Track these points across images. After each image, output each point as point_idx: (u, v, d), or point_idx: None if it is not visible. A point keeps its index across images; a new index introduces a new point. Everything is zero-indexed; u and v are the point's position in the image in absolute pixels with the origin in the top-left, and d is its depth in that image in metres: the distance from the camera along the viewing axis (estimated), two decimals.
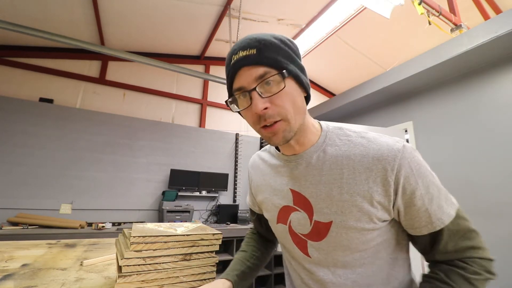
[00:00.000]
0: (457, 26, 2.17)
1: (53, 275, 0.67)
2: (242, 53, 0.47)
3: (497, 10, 2.91)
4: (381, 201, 0.47)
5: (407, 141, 2.39)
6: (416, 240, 0.51)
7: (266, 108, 0.46)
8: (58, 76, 3.15)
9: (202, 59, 4.10)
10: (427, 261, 0.52)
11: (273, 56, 0.46)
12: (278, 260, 3.30)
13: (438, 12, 2.17)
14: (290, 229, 0.58)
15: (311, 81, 5.26)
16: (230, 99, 0.50)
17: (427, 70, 2.06)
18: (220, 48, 3.98)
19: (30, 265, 0.75)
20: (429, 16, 2.17)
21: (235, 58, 0.48)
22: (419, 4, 2.06)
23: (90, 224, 2.71)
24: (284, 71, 0.46)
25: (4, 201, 2.53)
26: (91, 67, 3.36)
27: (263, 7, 3.24)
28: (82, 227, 2.56)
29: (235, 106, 0.50)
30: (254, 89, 0.46)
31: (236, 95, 0.49)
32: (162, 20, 3.16)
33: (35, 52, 3.08)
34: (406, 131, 2.40)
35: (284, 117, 0.47)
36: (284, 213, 0.58)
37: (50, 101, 3.00)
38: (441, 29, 2.20)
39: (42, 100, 2.97)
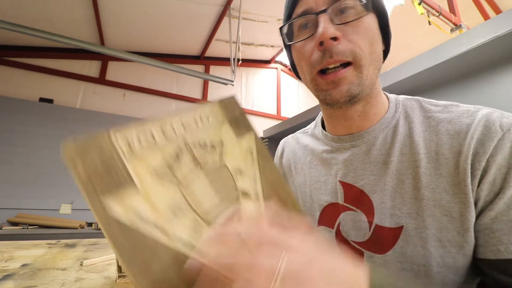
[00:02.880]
0: (457, 26, 2.17)
1: (53, 275, 0.67)
2: None
3: (497, 10, 2.91)
4: (482, 201, 0.32)
5: None
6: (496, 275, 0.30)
7: (336, 38, 0.33)
8: (58, 76, 3.15)
9: (202, 59, 4.10)
10: None
11: None
12: None
13: (438, 12, 2.17)
14: (338, 234, 0.41)
15: None
16: (286, 26, 0.39)
17: (427, 70, 2.06)
18: (220, 48, 3.98)
19: (30, 265, 0.75)
20: (429, 16, 2.17)
21: None
22: (419, 4, 2.06)
23: (90, 224, 2.71)
24: (367, 1, 0.34)
25: (4, 201, 2.53)
26: (91, 67, 3.36)
27: (263, 7, 3.24)
28: (82, 227, 2.56)
29: (289, 37, 0.38)
30: (325, 10, 0.34)
31: (297, 22, 0.37)
32: (162, 20, 3.16)
33: (35, 52, 3.08)
34: None
35: (356, 59, 0.34)
36: (329, 214, 0.43)
37: (50, 101, 3.00)
38: (441, 29, 2.20)
39: (42, 100, 2.97)
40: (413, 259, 0.34)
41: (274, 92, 4.83)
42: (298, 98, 5.12)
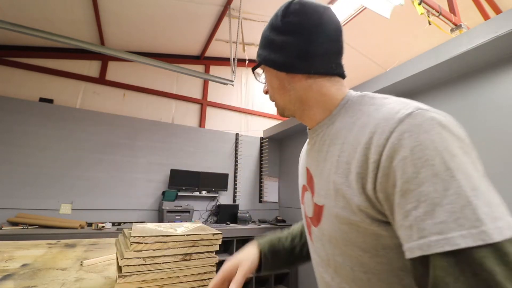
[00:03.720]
0: (457, 26, 2.17)
1: (53, 275, 0.67)
2: None
3: (497, 10, 2.91)
4: (360, 186, 0.36)
5: None
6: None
7: (267, 92, 0.54)
8: (58, 76, 3.15)
9: (202, 59, 4.10)
10: None
11: (258, 51, 0.53)
12: None
13: (438, 12, 2.17)
14: (304, 208, 0.54)
15: None
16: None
17: (427, 70, 2.06)
18: (220, 48, 3.98)
19: (30, 265, 0.75)
20: (429, 16, 2.17)
21: None
22: (419, 4, 2.06)
23: (90, 224, 2.71)
24: (259, 63, 0.52)
25: (4, 201, 2.53)
26: (91, 67, 3.36)
27: (263, 7, 3.24)
28: (82, 227, 2.56)
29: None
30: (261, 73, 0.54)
31: None
32: (162, 20, 3.16)
33: (35, 52, 3.08)
34: None
35: (272, 100, 0.54)
36: (303, 193, 0.55)
37: (50, 101, 3.00)
38: (441, 29, 2.20)
39: (42, 100, 2.97)
40: (331, 234, 0.42)
41: None
42: None
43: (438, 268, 0.27)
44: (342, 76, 0.50)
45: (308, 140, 0.55)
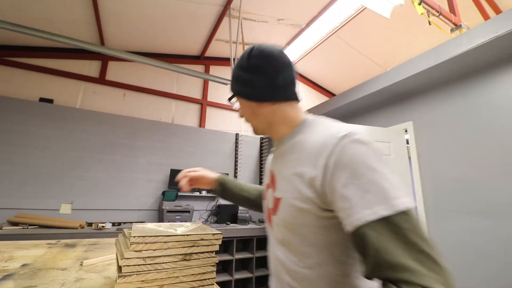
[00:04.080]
0: (457, 26, 2.17)
1: (53, 275, 0.67)
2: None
3: (497, 10, 2.91)
4: (313, 183, 0.49)
5: (407, 141, 2.39)
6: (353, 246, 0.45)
7: (241, 115, 0.67)
8: (58, 76, 3.15)
9: (202, 59, 4.10)
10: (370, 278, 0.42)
11: (232, 84, 0.66)
12: None
13: (438, 12, 2.17)
14: (266, 206, 0.67)
15: (311, 81, 5.26)
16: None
17: (427, 70, 2.06)
18: (220, 48, 3.98)
19: (30, 265, 0.75)
20: (429, 16, 2.17)
21: None
22: (419, 4, 2.06)
23: (90, 224, 2.71)
24: (233, 94, 0.65)
25: (4, 201, 2.53)
26: (91, 67, 3.36)
27: (263, 7, 3.24)
28: (82, 227, 2.56)
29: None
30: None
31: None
32: (162, 20, 3.16)
33: (35, 52, 3.08)
34: (406, 131, 2.40)
35: (246, 122, 0.67)
36: (266, 191, 0.69)
37: (50, 101, 3.00)
38: (441, 29, 2.20)
39: (42, 100, 2.97)
40: (285, 219, 0.55)
41: None
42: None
43: (371, 231, 0.40)
44: (298, 100, 0.65)
45: (273, 149, 0.69)
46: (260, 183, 3.97)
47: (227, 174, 3.61)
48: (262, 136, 0.75)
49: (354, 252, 0.49)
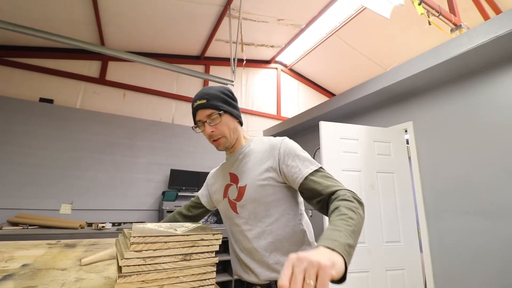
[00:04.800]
0: (457, 26, 2.17)
1: (53, 275, 0.67)
2: (199, 102, 0.81)
3: (497, 10, 2.91)
4: (272, 166, 0.79)
5: (407, 141, 2.39)
6: (303, 194, 0.76)
7: (212, 131, 0.81)
8: (58, 76, 3.15)
9: (202, 59, 4.10)
10: (321, 205, 0.72)
11: (215, 103, 0.81)
12: None
13: (438, 12, 2.17)
14: (228, 198, 0.87)
15: (311, 81, 5.27)
16: (194, 126, 0.86)
17: (427, 70, 2.06)
18: (220, 48, 3.98)
19: (30, 265, 0.75)
20: (429, 16, 2.17)
21: (195, 104, 0.82)
22: (419, 4, 2.06)
23: (90, 224, 2.71)
24: (221, 111, 0.81)
25: (4, 201, 2.53)
26: (91, 67, 3.37)
27: (263, 7, 3.24)
28: (82, 227, 2.56)
29: (198, 129, 0.85)
30: (205, 121, 0.81)
31: (198, 123, 0.83)
32: (162, 20, 3.16)
33: (35, 52, 3.08)
34: (406, 131, 2.40)
35: (223, 135, 0.83)
36: (226, 189, 0.89)
37: (50, 101, 3.00)
38: (441, 29, 2.20)
39: (42, 100, 2.97)
40: (252, 197, 0.80)
41: (274, 92, 4.84)
42: (298, 98, 5.12)
43: (313, 177, 0.73)
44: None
45: (226, 161, 0.94)
46: None
47: None
48: (221, 150, 0.94)
49: (296, 206, 0.83)
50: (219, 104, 0.81)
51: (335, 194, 0.67)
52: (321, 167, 0.76)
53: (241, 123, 0.90)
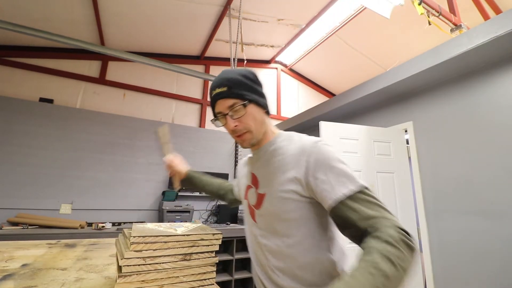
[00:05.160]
0: (457, 26, 2.17)
1: (53, 275, 0.67)
2: (218, 90, 0.67)
3: (497, 10, 2.91)
4: (297, 177, 0.62)
5: (407, 141, 2.39)
6: (334, 219, 0.58)
7: (236, 126, 0.67)
8: (58, 76, 3.15)
9: (202, 59, 4.10)
10: (354, 238, 0.56)
11: (238, 92, 0.66)
12: None
13: (438, 12, 2.17)
14: (248, 202, 0.76)
15: (311, 81, 5.27)
16: (214, 119, 0.71)
17: (427, 70, 2.06)
18: (220, 48, 3.98)
19: (30, 265, 0.75)
20: (429, 16, 2.17)
21: (214, 93, 0.68)
22: (419, 4, 2.06)
23: (90, 224, 2.71)
24: (246, 101, 0.66)
25: (4, 201, 2.53)
26: (91, 67, 3.36)
27: (263, 7, 3.24)
28: (82, 227, 2.56)
29: (218, 122, 0.72)
30: (227, 114, 0.67)
31: (218, 116, 0.69)
32: (162, 20, 3.16)
33: (35, 52, 3.08)
34: (406, 131, 2.40)
35: (248, 130, 0.69)
36: (247, 190, 0.78)
37: (50, 101, 3.00)
38: (441, 29, 2.20)
39: (42, 100, 2.97)
40: (271, 209, 0.66)
41: (274, 92, 4.84)
42: (298, 98, 5.12)
43: (349, 201, 0.55)
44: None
45: (251, 156, 0.80)
46: None
47: (227, 174, 3.63)
48: (246, 147, 0.77)
49: (324, 229, 0.65)
50: (243, 92, 0.66)
51: (374, 229, 0.49)
52: (364, 187, 0.56)
53: (268, 113, 0.74)
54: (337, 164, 0.59)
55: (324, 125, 2.26)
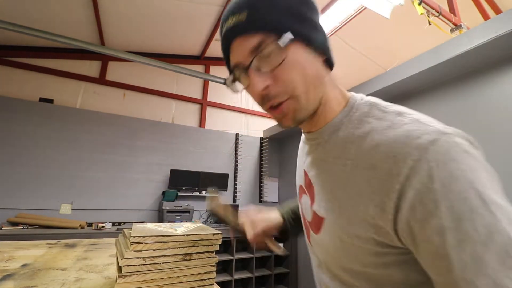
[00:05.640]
0: (457, 26, 2.17)
1: (53, 275, 0.67)
2: (232, 20, 0.37)
3: (497, 10, 2.91)
4: (375, 216, 0.32)
5: None
6: None
7: (267, 87, 0.37)
8: (58, 76, 3.15)
9: (202, 59, 4.10)
10: None
11: (269, 17, 0.36)
12: (278, 260, 3.30)
13: (438, 12, 2.17)
14: (301, 211, 0.53)
15: None
16: (229, 78, 0.41)
17: (427, 70, 2.06)
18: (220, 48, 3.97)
19: (30, 265, 0.75)
20: (429, 16, 2.17)
21: (225, 27, 0.39)
22: (419, 4, 2.06)
23: (90, 224, 2.71)
24: (285, 34, 0.35)
25: (4, 201, 2.53)
26: (91, 67, 3.37)
27: None
28: (82, 227, 2.56)
29: (236, 85, 0.42)
30: (250, 65, 0.37)
31: (235, 70, 0.40)
32: (162, 20, 3.16)
33: (35, 52, 3.08)
34: None
35: (291, 95, 0.37)
36: (300, 193, 0.54)
37: (50, 101, 3.00)
38: (441, 29, 2.20)
39: (42, 100, 2.97)
40: (332, 246, 0.41)
41: None
42: None
43: None
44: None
45: (305, 140, 0.50)
46: (261, 184, 3.97)
47: (227, 174, 3.62)
48: (288, 126, 0.41)
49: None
50: (280, 18, 0.36)
51: None
52: None
53: (330, 64, 0.42)
54: (482, 212, 0.26)
55: None
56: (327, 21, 3.61)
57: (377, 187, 0.32)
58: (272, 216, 0.64)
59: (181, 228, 0.68)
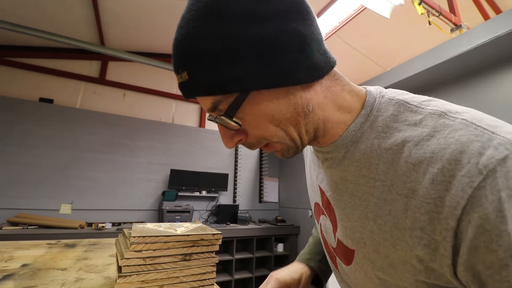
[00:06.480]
0: (457, 26, 2.17)
1: (53, 275, 0.67)
2: (178, 77, 0.32)
3: (497, 10, 2.91)
4: (425, 258, 0.26)
5: None
6: None
7: (240, 141, 0.34)
8: (58, 76, 3.15)
9: None
10: None
11: (212, 77, 0.29)
12: (278, 260, 3.30)
13: (438, 12, 2.17)
14: (321, 232, 0.45)
15: None
16: (210, 117, 0.36)
17: (427, 70, 2.06)
18: None
19: (30, 265, 0.75)
20: (429, 16, 2.17)
21: (178, 81, 0.33)
22: (419, 4, 2.06)
23: (90, 224, 2.71)
24: (236, 94, 0.30)
25: (4, 201, 2.53)
26: (91, 67, 3.36)
27: None
28: (82, 227, 2.56)
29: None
30: (215, 119, 0.33)
31: (209, 117, 0.36)
32: (162, 20, 3.16)
33: (35, 52, 3.08)
34: None
35: (270, 141, 0.33)
36: (316, 212, 0.46)
37: (50, 101, 3.00)
38: (441, 29, 2.20)
39: (42, 100, 2.97)
40: (364, 280, 0.35)
41: None
42: None
43: None
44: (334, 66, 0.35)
45: (314, 151, 0.42)
46: (261, 184, 3.97)
47: (227, 174, 3.62)
48: (288, 157, 0.35)
49: None
50: (223, 76, 0.29)
51: None
52: None
53: (324, 70, 0.32)
54: None
55: None
56: (327, 21, 3.61)
57: (422, 221, 0.25)
58: (298, 273, 0.54)
59: (181, 228, 0.68)
